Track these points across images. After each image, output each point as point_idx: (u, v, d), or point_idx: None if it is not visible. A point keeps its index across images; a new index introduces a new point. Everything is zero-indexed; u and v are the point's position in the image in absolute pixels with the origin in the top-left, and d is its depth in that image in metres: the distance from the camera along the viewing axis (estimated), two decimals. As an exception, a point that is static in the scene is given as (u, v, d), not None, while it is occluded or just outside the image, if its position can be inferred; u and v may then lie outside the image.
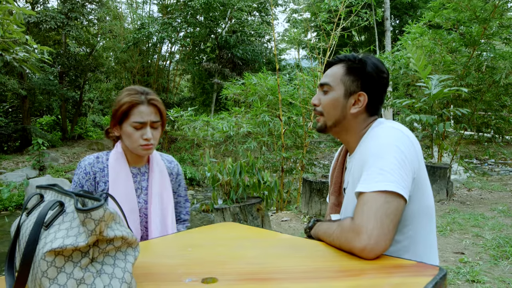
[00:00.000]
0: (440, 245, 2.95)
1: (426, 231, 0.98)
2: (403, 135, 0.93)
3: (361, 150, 0.99)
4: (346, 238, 0.82)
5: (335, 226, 0.90)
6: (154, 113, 1.27)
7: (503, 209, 4.03)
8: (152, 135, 1.26)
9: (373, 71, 1.02)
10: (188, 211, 1.56)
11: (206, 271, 0.76)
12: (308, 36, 10.91)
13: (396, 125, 0.97)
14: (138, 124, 1.24)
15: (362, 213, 0.82)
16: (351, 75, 1.03)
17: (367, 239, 0.78)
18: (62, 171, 10.70)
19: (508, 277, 2.21)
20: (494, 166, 11.61)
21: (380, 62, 1.03)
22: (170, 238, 1.07)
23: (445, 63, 6.17)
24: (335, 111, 1.04)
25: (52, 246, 0.54)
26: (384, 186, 0.83)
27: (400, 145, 0.90)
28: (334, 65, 1.07)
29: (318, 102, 1.07)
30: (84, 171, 1.30)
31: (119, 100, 1.27)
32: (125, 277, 0.60)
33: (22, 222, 0.66)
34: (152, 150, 1.31)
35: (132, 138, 1.25)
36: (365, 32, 21.81)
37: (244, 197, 3.37)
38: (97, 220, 0.55)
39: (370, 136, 0.99)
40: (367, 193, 0.85)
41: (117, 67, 14.41)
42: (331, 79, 1.05)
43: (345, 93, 1.03)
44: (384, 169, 0.86)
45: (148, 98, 1.26)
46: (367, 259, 0.78)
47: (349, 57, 1.05)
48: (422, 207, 0.96)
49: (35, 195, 0.70)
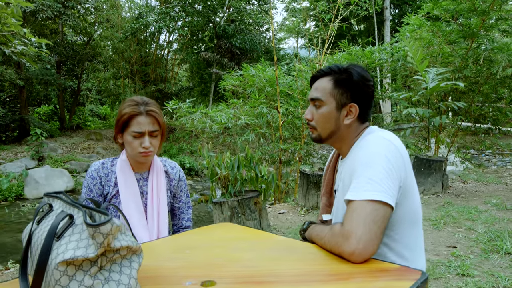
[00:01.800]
0: (433, 238, 3.03)
1: (412, 234, 1.03)
2: (391, 144, 0.99)
3: (352, 157, 1.04)
4: (336, 242, 0.88)
5: (326, 230, 0.95)
6: (152, 123, 1.34)
7: (496, 202, 4.11)
8: (151, 143, 1.34)
9: (359, 81, 1.06)
10: (190, 218, 1.61)
11: (205, 274, 0.81)
12: (307, 26, 10.86)
13: (386, 135, 1.02)
14: (136, 134, 1.32)
15: (352, 219, 0.87)
16: (340, 87, 1.07)
17: (356, 243, 0.83)
18: (61, 161, 10.74)
19: (497, 271, 2.29)
20: (491, 156, 11.71)
21: (364, 71, 1.07)
22: (169, 240, 1.12)
23: (443, 55, 6.18)
24: (329, 124, 1.08)
25: (64, 257, 0.59)
26: (372, 196, 0.89)
27: (388, 155, 0.95)
28: (321, 78, 1.10)
29: (311, 117, 1.11)
30: (92, 176, 1.41)
31: (121, 110, 1.35)
32: (131, 283, 0.65)
33: (33, 230, 0.71)
34: (151, 157, 1.39)
35: (132, 146, 1.34)
36: (364, 22, 21.66)
37: (242, 191, 3.43)
38: (105, 234, 0.60)
39: (360, 144, 1.04)
40: (356, 201, 0.90)
41: (115, 57, 14.33)
42: (321, 93, 1.08)
43: (337, 106, 1.07)
44: (373, 179, 0.91)
45: (146, 109, 1.33)
46: (355, 263, 0.83)
47: (334, 69, 1.08)
48: (408, 212, 1.02)
49: (45, 204, 0.74)
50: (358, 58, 6.70)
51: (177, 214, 1.58)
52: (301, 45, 17.72)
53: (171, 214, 1.60)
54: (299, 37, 19.53)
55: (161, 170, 1.48)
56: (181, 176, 1.57)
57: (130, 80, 14.57)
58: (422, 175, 4.87)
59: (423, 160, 4.88)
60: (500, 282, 2.12)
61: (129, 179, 1.39)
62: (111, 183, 1.41)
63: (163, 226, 1.44)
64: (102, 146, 13.13)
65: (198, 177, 11.68)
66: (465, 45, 6.07)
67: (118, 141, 1.41)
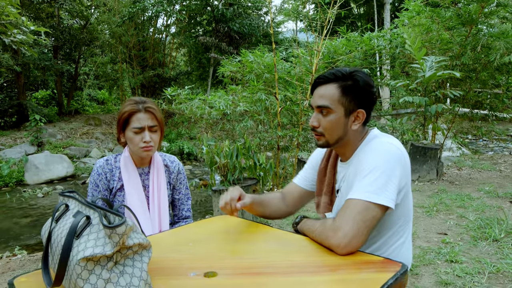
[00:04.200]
0: (426, 225, 3.14)
1: (406, 230, 1.15)
2: (398, 150, 1.05)
3: (359, 160, 1.10)
4: (326, 235, 0.96)
5: (318, 224, 1.04)
6: (150, 118, 1.44)
7: (489, 190, 4.21)
8: (151, 138, 1.44)
9: (365, 87, 1.10)
10: (189, 208, 1.70)
11: (207, 265, 0.90)
12: (306, 8, 10.76)
13: (392, 140, 1.09)
14: (137, 129, 1.42)
15: (344, 215, 0.96)
16: (348, 95, 1.09)
17: (342, 238, 0.92)
18: (60, 147, 10.80)
19: (484, 258, 2.40)
20: (488, 142, 11.81)
21: (368, 77, 1.11)
22: (172, 233, 1.20)
23: (442, 41, 6.20)
24: (338, 131, 1.11)
25: (84, 254, 0.67)
26: (368, 197, 0.97)
27: (390, 159, 1.02)
28: (325, 85, 1.11)
29: (317, 124, 1.13)
30: (97, 172, 1.50)
31: (121, 110, 1.45)
32: (142, 275, 0.74)
33: (52, 228, 0.79)
34: (152, 151, 1.48)
35: (133, 142, 1.44)
36: (364, 5, 21.41)
37: (240, 179, 3.52)
38: (121, 234, 0.69)
39: (367, 148, 1.09)
40: (352, 200, 0.98)
41: (112, 41, 14.21)
42: (329, 101, 1.09)
43: (345, 112, 1.10)
44: (374, 182, 0.98)
45: (144, 106, 1.44)
46: (340, 255, 0.93)
47: (339, 75, 1.09)
48: (403, 212, 1.12)
49: (62, 204, 0.82)
50: (356, 44, 6.70)
51: (177, 205, 1.68)
52: (300, 28, 17.42)
53: (172, 205, 1.70)
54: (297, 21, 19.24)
55: (161, 165, 1.57)
56: (180, 169, 1.66)
57: (128, 65, 14.49)
58: (417, 163, 4.97)
59: (419, 148, 4.97)
60: (486, 268, 2.23)
61: (132, 174, 1.49)
62: (116, 177, 1.51)
63: (165, 217, 1.54)
64: (101, 131, 13.16)
65: (197, 162, 11.77)
66: (464, 32, 6.08)
67: (121, 141, 1.51)
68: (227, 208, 1.09)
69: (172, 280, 0.83)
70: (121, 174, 1.49)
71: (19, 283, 0.82)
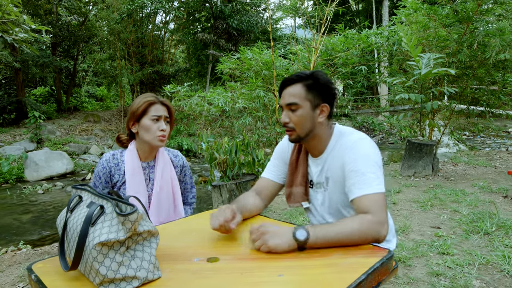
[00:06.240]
0: (420, 219, 3.22)
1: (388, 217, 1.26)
2: (373, 143, 1.21)
3: (339, 155, 1.23)
4: (374, 230, 1.02)
5: (350, 223, 1.01)
6: (166, 110, 1.56)
7: (483, 185, 4.30)
8: (166, 129, 1.54)
9: (325, 84, 1.24)
10: (194, 196, 1.85)
11: (210, 252, 0.98)
12: (305, 5, 10.79)
13: (365, 136, 1.24)
14: (155, 117, 1.51)
15: (380, 209, 1.07)
16: (312, 91, 1.23)
17: (386, 228, 1.05)
18: (59, 143, 10.85)
19: (475, 250, 2.48)
20: (486, 138, 11.90)
21: (327, 76, 1.25)
22: (177, 223, 1.28)
23: (438, 39, 6.26)
24: (306, 124, 1.24)
25: (100, 239, 0.74)
26: (381, 189, 1.11)
27: (376, 152, 1.19)
28: (292, 85, 1.25)
29: (288, 120, 1.26)
30: (102, 166, 1.58)
31: (137, 103, 1.53)
32: (151, 259, 0.81)
33: (67, 218, 0.86)
34: (165, 142, 1.57)
35: (151, 130, 1.52)
36: (363, 1, 21.43)
37: (239, 174, 3.59)
38: (133, 221, 0.76)
39: (346, 146, 1.22)
40: (374, 194, 1.10)
41: (111, 38, 14.23)
42: (297, 99, 1.23)
43: (312, 107, 1.24)
44: (375, 175, 1.13)
45: (160, 100, 1.56)
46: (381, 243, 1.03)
47: (302, 75, 1.24)
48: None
49: (76, 196, 0.89)
50: (354, 42, 6.76)
51: (184, 193, 1.82)
52: (298, 25, 17.41)
53: None
54: (296, 17, 19.25)
55: (168, 159, 1.66)
56: (184, 162, 1.78)
57: (127, 62, 14.51)
58: (413, 159, 5.05)
59: (415, 144, 5.05)
60: (476, 260, 2.32)
61: (136, 168, 1.56)
62: (121, 172, 1.58)
63: (171, 210, 1.61)
64: (100, 128, 13.21)
65: (196, 159, 11.83)
66: (461, 29, 6.14)
67: (132, 130, 1.57)
68: (221, 229, 1.09)
69: (178, 265, 0.90)
70: (125, 168, 1.56)
71: (37, 268, 0.89)
